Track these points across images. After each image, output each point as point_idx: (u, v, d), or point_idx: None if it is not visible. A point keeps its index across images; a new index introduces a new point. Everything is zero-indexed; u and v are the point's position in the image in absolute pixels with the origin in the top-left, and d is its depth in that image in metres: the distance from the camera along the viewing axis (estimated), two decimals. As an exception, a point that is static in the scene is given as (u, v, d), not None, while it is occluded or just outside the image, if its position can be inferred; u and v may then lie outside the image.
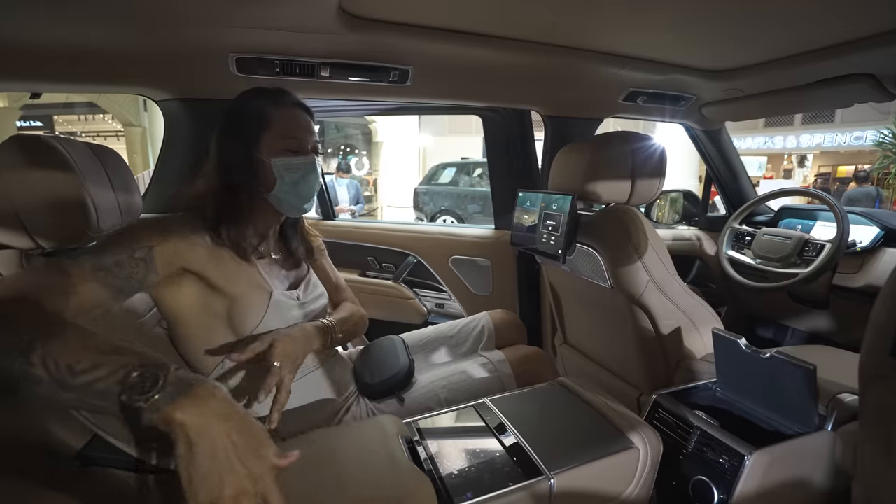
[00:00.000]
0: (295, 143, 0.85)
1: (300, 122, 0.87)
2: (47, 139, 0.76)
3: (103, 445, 0.64)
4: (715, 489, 0.81)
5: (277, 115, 0.84)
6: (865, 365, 0.66)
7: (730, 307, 2.01)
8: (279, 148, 0.84)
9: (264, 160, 0.83)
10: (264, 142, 0.84)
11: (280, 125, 0.84)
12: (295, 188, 0.85)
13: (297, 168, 0.85)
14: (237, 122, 0.85)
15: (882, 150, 9.33)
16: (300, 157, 0.85)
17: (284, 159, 0.84)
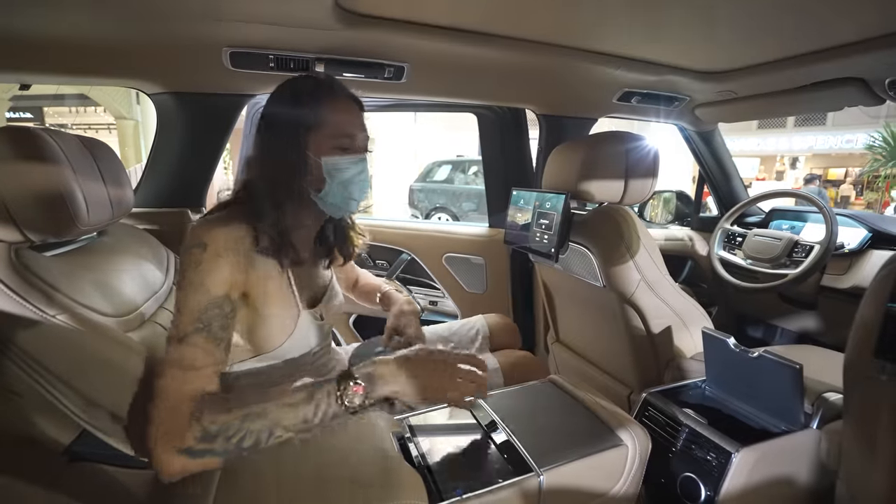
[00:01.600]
0: (347, 141, 0.79)
1: (353, 119, 0.81)
2: (37, 131, 0.75)
3: (92, 440, 0.64)
4: (702, 486, 0.83)
5: (329, 111, 0.77)
6: (850, 364, 0.67)
7: (720, 307, 2.03)
8: (330, 146, 0.77)
9: (315, 159, 0.77)
10: (315, 139, 0.77)
11: (332, 122, 0.77)
12: (345, 189, 0.79)
13: (348, 167, 0.79)
14: (286, 116, 0.77)
15: (872, 153, 9.44)
16: (352, 156, 0.79)
17: (335, 158, 0.77)
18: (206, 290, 0.67)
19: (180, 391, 0.62)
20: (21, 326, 0.65)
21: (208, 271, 0.68)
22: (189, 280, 0.67)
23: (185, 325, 0.65)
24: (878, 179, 9.63)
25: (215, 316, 0.67)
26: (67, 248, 0.84)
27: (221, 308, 0.68)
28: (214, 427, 0.59)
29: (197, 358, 0.64)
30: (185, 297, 0.67)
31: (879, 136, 9.13)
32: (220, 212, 0.77)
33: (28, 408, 0.63)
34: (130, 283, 0.91)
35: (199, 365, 0.64)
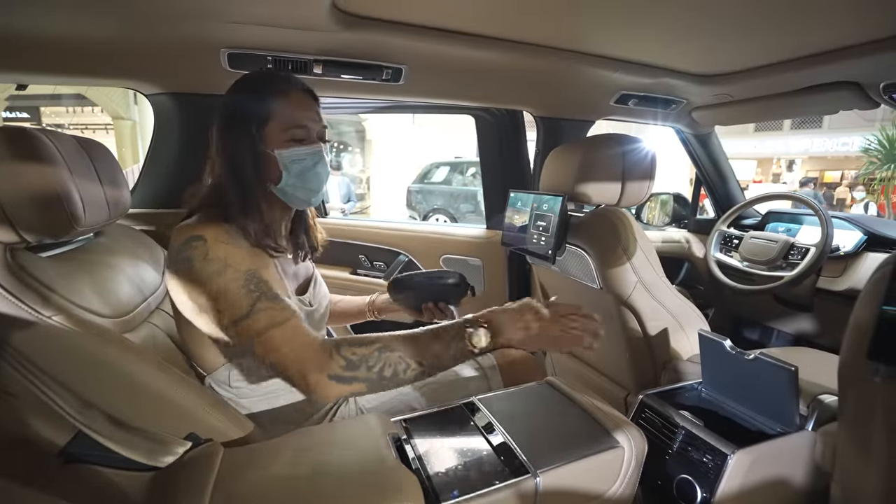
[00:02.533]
0: (301, 132, 0.79)
1: (306, 110, 0.80)
2: (33, 131, 0.75)
3: (88, 442, 0.63)
4: (698, 488, 0.83)
5: (282, 103, 0.78)
6: (845, 366, 0.68)
7: (717, 309, 2.04)
8: (284, 138, 0.78)
9: (269, 152, 0.78)
10: (269, 132, 0.78)
11: (284, 114, 0.78)
12: (302, 180, 0.80)
13: (303, 158, 0.80)
14: (239, 112, 0.78)
15: (868, 156, 9.49)
16: (307, 147, 0.80)
17: (290, 150, 0.78)
18: (233, 269, 0.69)
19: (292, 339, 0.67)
20: (16, 327, 0.65)
21: (223, 255, 0.69)
22: (208, 270, 0.68)
23: (241, 303, 0.67)
24: (874, 182, 9.68)
25: (259, 283, 0.70)
26: (64, 248, 0.84)
27: (259, 277, 0.70)
28: (356, 357, 0.66)
29: (276, 316, 0.68)
30: (216, 284, 0.68)
31: (875, 139, 9.18)
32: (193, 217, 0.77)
33: (23, 409, 0.63)
34: (127, 284, 0.91)
35: (284, 318, 0.68)
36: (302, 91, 0.81)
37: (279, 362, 0.67)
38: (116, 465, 0.64)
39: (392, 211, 9.31)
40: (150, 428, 0.67)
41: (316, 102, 0.84)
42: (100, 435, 0.64)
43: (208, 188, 0.81)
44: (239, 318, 0.67)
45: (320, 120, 0.83)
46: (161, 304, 1.00)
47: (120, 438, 0.64)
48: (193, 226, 0.73)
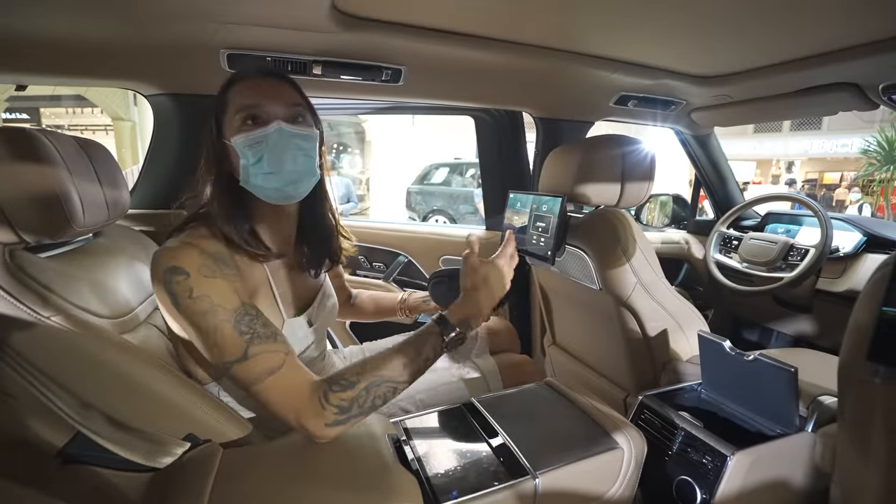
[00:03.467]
0: (253, 112, 0.71)
1: (261, 90, 0.72)
2: (32, 132, 0.75)
3: (87, 443, 0.63)
4: (698, 489, 0.83)
5: (236, 89, 0.73)
6: (844, 367, 0.67)
7: (716, 310, 2.04)
8: (236, 123, 0.71)
9: (227, 143, 0.72)
10: (226, 122, 0.72)
11: (237, 98, 0.72)
12: (261, 166, 0.71)
13: (257, 141, 0.70)
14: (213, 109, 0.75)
15: (867, 157, 9.51)
16: (260, 128, 0.70)
17: (242, 135, 0.70)
18: (221, 309, 0.65)
19: (287, 390, 0.66)
20: (15, 328, 0.65)
21: (208, 292, 0.65)
22: (195, 309, 0.65)
23: (232, 347, 0.65)
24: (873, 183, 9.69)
25: (250, 322, 0.67)
26: (63, 249, 0.84)
27: (249, 314, 0.67)
28: (345, 403, 0.67)
29: (271, 361, 0.66)
30: (206, 324, 0.65)
31: (874, 141, 9.20)
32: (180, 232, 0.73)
33: (21, 410, 0.62)
34: (126, 284, 0.91)
35: (277, 363, 0.66)
36: (262, 75, 0.74)
37: (276, 412, 0.67)
38: (115, 465, 0.64)
39: (391, 212, 9.31)
40: (149, 429, 0.67)
41: (284, 84, 0.75)
42: (98, 436, 0.64)
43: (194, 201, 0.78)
44: (232, 362, 0.65)
45: (282, 99, 0.73)
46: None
47: (118, 439, 0.64)
48: (174, 250, 0.67)
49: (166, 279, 0.65)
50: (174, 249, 0.68)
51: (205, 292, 0.65)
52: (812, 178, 14.47)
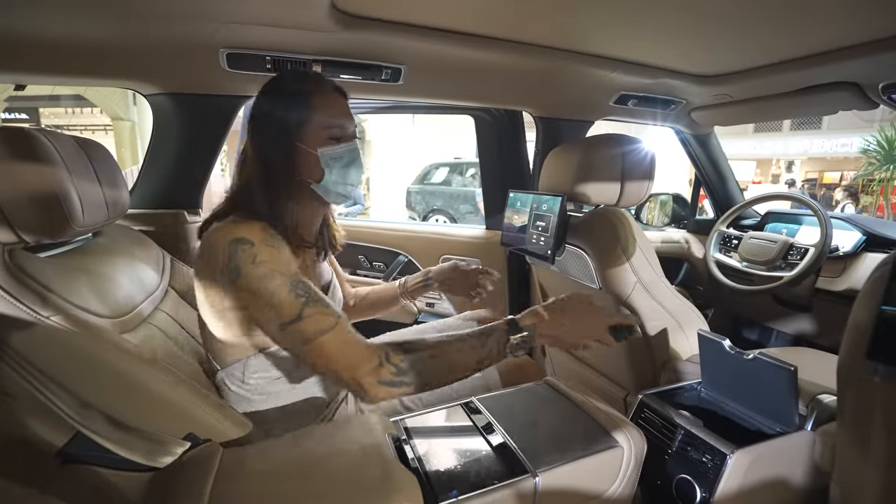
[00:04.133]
0: (339, 130, 0.82)
1: (342, 108, 0.84)
2: (31, 131, 0.75)
3: (86, 442, 0.63)
4: (698, 488, 0.83)
5: (319, 103, 0.80)
6: (844, 366, 0.67)
7: (716, 309, 2.04)
8: (323, 137, 0.81)
9: (310, 151, 0.80)
10: (308, 132, 0.80)
11: (322, 113, 0.80)
12: (343, 176, 0.83)
13: (342, 156, 0.82)
14: (277, 113, 0.80)
15: (867, 157, 9.50)
16: (345, 145, 0.83)
17: (331, 148, 0.81)
18: (280, 274, 0.70)
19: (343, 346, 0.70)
20: (15, 328, 0.65)
21: (270, 259, 0.71)
22: (256, 273, 0.69)
23: (289, 308, 0.69)
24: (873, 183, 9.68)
25: (306, 287, 0.72)
26: (62, 249, 0.84)
27: (302, 281, 0.72)
28: (404, 365, 0.70)
29: (323, 322, 0.70)
30: (265, 287, 0.69)
31: (874, 140, 9.19)
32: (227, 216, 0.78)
33: (21, 409, 0.62)
34: (126, 284, 0.91)
35: (330, 324, 0.70)
36: (335, 90, 0.84)
37: (331, 368, 0.70)
38: (115, 465, 0.64)
39: (391, 211, 9.31)
40: (149, 428, 0.67)
41: (347, 101, 0.86)
42: (98, 435, 0.63)
43: (240, 187, 0.82)
44: (287, 323, 0.69)
45: (353, 118, 0.86)
46: (160, 304, 1.00)
47: (118, 439, 0.64)
48: (234, 226, 0.73)
49: (232, 250, 0.70)
50: (234, 225, 0.74)
51: (266, 258, 0.71)
52: (812, 177, 14.47)
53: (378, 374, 0.69)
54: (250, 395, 0.84)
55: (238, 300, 0.72)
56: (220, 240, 0.72)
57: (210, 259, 0.73)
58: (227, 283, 0.71)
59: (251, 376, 0.82)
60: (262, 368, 0.83)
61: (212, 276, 0.73)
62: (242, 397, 0.84)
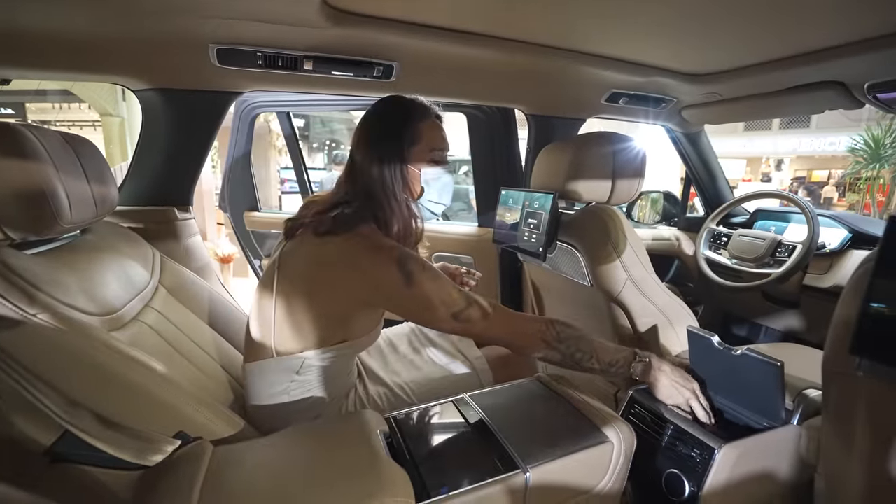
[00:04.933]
0: (440, 154, 0.94)
1: (442, 134, 0.96)
2: (17, 127, 0.74)
3: (75, 441, 0.63)
4: (686, 482, 0.84)
5: (425, 129, 0.92)
6: (828, 361, 0.69)
7: (706, 306, 2.06)
8: (427, 159, 0.92)
9: (416, 170, 0.92)
10: (414, 154, 0.91)
11: (429, 138, 0.92)
12: (440, 195, 0.97)
13: (441, 177, 0.95)
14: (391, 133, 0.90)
15: (854, 155, 9.64)
16: (443, 167, 0.95)
17: (433, 170, 0.94)
18: (439, 275, 0.86)
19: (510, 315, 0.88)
20: (1, 326, 0.64)
21: (427, 265, 0.85)
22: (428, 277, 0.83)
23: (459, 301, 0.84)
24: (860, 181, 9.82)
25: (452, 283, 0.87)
26: (50, 246, 0.83)
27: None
28: (564, 334, 0.86)
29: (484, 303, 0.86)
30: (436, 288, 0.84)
31: (861, 139, 9.32)
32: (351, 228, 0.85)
33: (8, 408, 0.62)
34: (115, 281, 0.90)
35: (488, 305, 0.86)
36: (439, 118, 0.97)
37: (508, 331, 0.87)
38: (104, 464, 0.64)
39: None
40: (139, 426, 0.66)
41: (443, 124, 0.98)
42: (87, 434, 0.63)
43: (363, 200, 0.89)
44: (461, 311, 0.83)
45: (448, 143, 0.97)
46: (150, 301, 0.99)
47: (107, 437, 0.64)
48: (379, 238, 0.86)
49: (403, 262, 0.82)
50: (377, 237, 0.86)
51: (428, 265, 0.86)
52: (801, 175, 14.65)
53: (545, 335, 0.85)
54: (290, 388, 0.88)
55: (401, 302, 0.85)
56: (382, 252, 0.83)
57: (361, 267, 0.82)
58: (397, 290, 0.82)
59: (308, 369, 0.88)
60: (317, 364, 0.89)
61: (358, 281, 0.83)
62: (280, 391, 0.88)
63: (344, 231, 0.84)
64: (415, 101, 0.95)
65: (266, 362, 0.88)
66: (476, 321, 0.84)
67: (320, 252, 0.84)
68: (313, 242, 0.85)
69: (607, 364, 0.88)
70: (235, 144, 2.10)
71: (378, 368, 1.10)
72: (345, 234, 0.84)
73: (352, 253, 0.83)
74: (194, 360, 0.97)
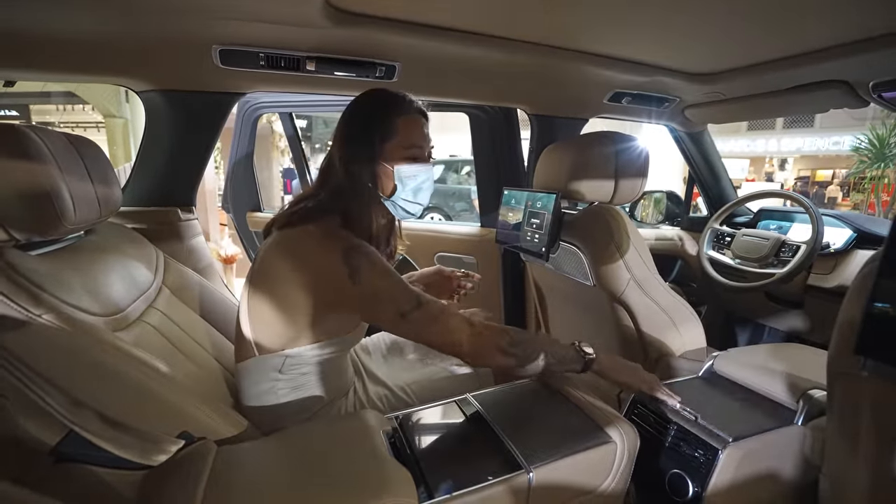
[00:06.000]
0: (418, 151, 0.88)
1: (422, 131, 0.89)
2: (21, 128, 0.74)
3: (79, 441, 0.63)
4: (690, 482, 0.83)
5: (403, 124, 0.86)
6: (833, 361, 0.68)
7: (709, 306, 2.05)
8: (402, 156, 0.87)
9: (388, 167, 0.86)
10: (389, 150, 0.86)
11: (404, 134, 0.86)
12: (415, 195, 0.90)
13: (417, 175, 0.88)
14: (364, 127, 0.86)
15: (858, 155, 9.59)
16: (421, 165, 0.89)
17: (407, 167, 0.87)
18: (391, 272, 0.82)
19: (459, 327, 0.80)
20: (6, 326, 0.64)
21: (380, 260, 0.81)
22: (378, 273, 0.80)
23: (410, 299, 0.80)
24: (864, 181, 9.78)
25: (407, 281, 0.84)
26: (54, 247, 0.83)
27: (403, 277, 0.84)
28: (518, 338, 0.82)
29: (436, 305, 0.81)
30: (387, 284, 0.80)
31: (865, 139, 9.28)
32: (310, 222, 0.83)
33: (13, 408, 0.62)
34: (119, 282, 0.90)
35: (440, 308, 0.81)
36: (419, 113, 0.90)
37: (455, 339, 0.80)
38: (108, 463, 0.64)
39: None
40: (143, 426, 0.66)
41: (427, 122, 0.91)
42: (91, 434, 0.63)
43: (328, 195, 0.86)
44: (409, 311, 0.79)
45: (430, 140, 0.92)
46: (153, 302, 0.99)
47: (111, 437, 0.64)
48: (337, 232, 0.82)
49: (348, 255, 0.78)
50: (335, 231, 0.82)
51: (377, 260, 0.81)
52: (805, 175, 14.59)
53: (497, 341, 0.80)
54: (277, 387, 0.86)
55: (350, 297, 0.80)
56: (334, 246, 0.79)
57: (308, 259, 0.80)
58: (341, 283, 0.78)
59: (291, 367, 0.86)
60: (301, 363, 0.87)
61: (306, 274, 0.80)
62: (269, 390, 0.86)
63: (300, 224, 0.83)
64: (395, 94, 0.89)
65: (251, 361, 0.87)
66: (425, 324, 0.80)
67: (278, 246, 0.84)
68: (275, 237, 0.85)
69: (561, 358, 0.85)
70: (238, 145, 2.11)
71: (378, 369, 1.10)
72: (300, 226, 0.82)
73: (302, 246, 0.81)
74: (197, 360, 0.97)
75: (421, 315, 0.79)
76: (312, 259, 0.80)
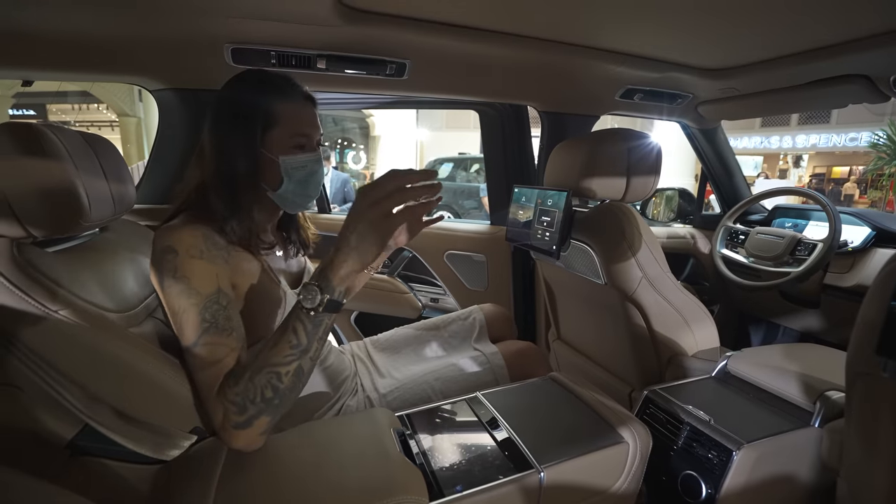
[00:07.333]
0: (303, 139, 0.80)
1: (309, 118, 0.81)
2: (38, 126, 0.75)
3: (95, 435, 0.64)
4: (703, 484, 0.82)
5: (285, 110, 0.78)
6: (852, 362, 0.67)
7: (722, 305, 2.03)
8: (287, 145, 0.79)
9: (271, 157, 0.78)
10: (271, 138, 0.77)
11: (288, 121, 0.78)
12: (302, 186, 0.81)
13: (304, 165, 0.80)
14: (240, 114, 0.77)
15: (876, 151, 9.39)
16: (308, 154, 0.80)
17: (292, 157, 0.79)
18: (195, 293, 0.69)
19: (210, 388, 0.67)
20: (23, 322, 0.65)
21: (190, 274, 0.69)
22: (174, 289, 0.69)
23: (190, 332, 0.69)
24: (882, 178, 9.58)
25: (216, 311, 0.70)
26: (69, 243, 0.85)
27: (218, 303, 0.71)
28: (238, 397, 0.64)
29: (215, 352, 0.68)
30: (179, 304, 0.69)
31: (884, 134, 9.09)
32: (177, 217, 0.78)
33: (30, 402, 0.63)
34: (133, 278, 0.91)
35: (219, 356, 0.68)
36: (304, 98, 0.82)
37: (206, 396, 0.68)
38: (123, 457, 0.65)
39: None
40: (156, 421, 0.67)
41: (315, 108, 0.84)
42: (106, 428, 0.64)
43: (196, 186, 0.80)
44: (187, 347, 0.69)
45: (319, 127, 0.83)
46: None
47: (126, 432, 0.65)
48: (171, 231, 0.73)
49: (157, 258, 0.71)
50: (171, 229, 0.73)
51: (186, 274, 0.69)
52: (820, 172, 14.33)
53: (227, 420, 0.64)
54: None
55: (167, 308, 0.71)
56: (154, 245, 0.73)
57: (151, 262, 0.73)
58: (158, 288, 0.72)
59: None
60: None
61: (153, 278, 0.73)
62: None
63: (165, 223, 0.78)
64: (276, 77, 0.80)
65: None
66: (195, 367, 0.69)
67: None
68: None
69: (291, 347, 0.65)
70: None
71: (388, 365, 1.10)
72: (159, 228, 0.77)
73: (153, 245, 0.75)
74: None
75: (195, 354, 0.68)
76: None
